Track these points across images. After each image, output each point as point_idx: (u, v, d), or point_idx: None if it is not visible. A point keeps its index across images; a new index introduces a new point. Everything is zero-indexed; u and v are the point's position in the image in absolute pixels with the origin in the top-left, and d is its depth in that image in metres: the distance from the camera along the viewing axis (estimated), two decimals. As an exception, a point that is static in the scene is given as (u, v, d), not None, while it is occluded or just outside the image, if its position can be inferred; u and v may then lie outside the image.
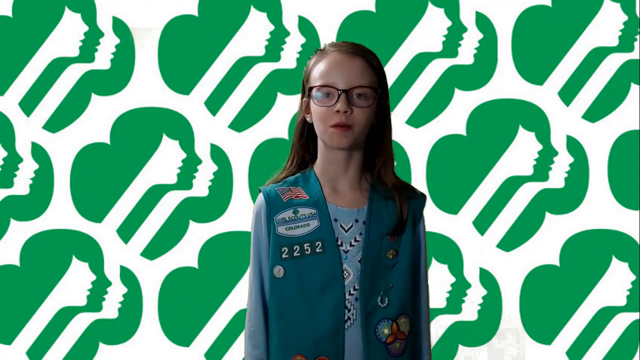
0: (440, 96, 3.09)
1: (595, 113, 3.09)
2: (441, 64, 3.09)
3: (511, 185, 3.10)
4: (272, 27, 3.09)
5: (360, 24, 3.08)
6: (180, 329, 3.11)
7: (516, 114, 3.09)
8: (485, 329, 3.10)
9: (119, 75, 3.10)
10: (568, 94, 3.09)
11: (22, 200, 3.09)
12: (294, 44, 3.08)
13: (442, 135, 3.10)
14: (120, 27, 3.09)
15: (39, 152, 3.09)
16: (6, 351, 3.08)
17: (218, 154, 3.10)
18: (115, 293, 3.10)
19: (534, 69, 3.09)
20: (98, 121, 3.10)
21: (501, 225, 3.10)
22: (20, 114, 3.09)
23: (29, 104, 3.09)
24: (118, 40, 3.09)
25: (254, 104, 3.10)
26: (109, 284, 3.10)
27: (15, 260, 3.09)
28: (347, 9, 3.09)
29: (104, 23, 3.09)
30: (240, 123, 3.11)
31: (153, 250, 3.11)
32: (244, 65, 3.09)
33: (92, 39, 3.09)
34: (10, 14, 3.08)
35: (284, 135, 3.05)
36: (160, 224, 3.10)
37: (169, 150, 3.11)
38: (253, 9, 3.09)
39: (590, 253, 3.09)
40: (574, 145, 3.08)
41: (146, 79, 3.10)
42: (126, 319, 3.11)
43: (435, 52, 3.08)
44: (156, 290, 3.10)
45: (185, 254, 3.11)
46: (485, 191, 3.10)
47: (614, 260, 3.09)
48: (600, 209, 3.09)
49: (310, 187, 1.86)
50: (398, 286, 1.84)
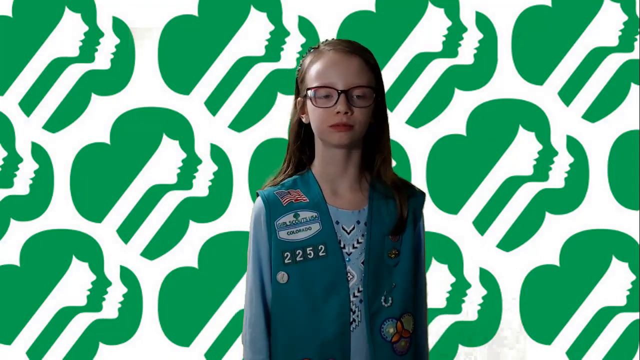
0: (440, 96, 3.09)
1: (595, 113, 3.09)
2: (441, 64, 3.09)
3: (511, 185, 3.10)
4: (272, 27, 3.09)
5: (360, 24, 3.07)
6: (180, 329, 3.11)
7: (516, 114, 3.09)
8: (485, 329, 3.10)
9: (119, 75, 3.10)
10: (568, 94, 3.09)
11: (22, 200, 3.09)
12: (294, 44, 3.08)
13: (442, 135, 3.10)
14: (120, 27, 3.09)
15: (39, 152, 3.09)
16: (6, 351, 3.08)
17: (218, 154, 3.10)
18: (115, 293, 3.10)
19: (534, 69, 3.09)
20: (98, 121, 3.10)
21: (501, 225, 3.10)
22: (20, 114, 3.09)
23: (29, 104, 3.09)
24: (118, 40, 3.09)
25: (254, 104, 3.10)
26: (109, 284, 3.10)
27: (15, 260, 3.09)
28: (347, 9, 3.08)
29: (104, 23, 3.09)
30: (240, 123, 3.11)
31: (153, 250, 3.11)
32: (244, 65, 3.09)
33: (92, 39, 3.09)
34: (10, 14, 3.08)
35: (284, 135, 3.03)
36: (160, 224, 3.10)
37: (169, 150, 3.10)
38: (253, 9, 3.09)
39: (590, 253, 3.09)
40: (574, 145, 3.08)
41: (146, 79, 3.10)
42: (126, 319, 3.10)
43: (435, 52, 3.08)
44: (156, 290, 3.10)
45: (185, 254, 3.10)
46: (485, 191, 3.10)
47: (614, 260, 3.09)
48: (600, 209, 3.09)
49: (310, 190, 1.83)
50: (401, 285, 1.82)
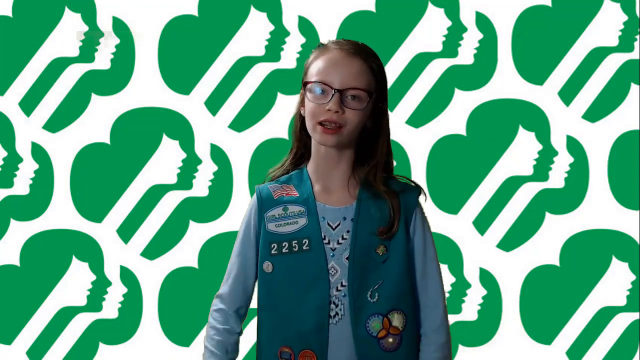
0: (440, 96, 3.09)
1: (595, 113, 3.09)
2: (441, 64, 3.09)
3: (511, 185, 3.10)
4: (272, 27, 3.09)
5: (360, 24, 3.07)
6: (180, 329, 3.11)
7: (516, 114, 3.09)
8: (485, 329, 3.10)
9: (119, 75, 3.10)
10: (568, 94, 3.09)
11: (22, 200, 3.09)
12: (294, 44, 3.08)
13: (442, 135, 3.10)
14: (120, 27, 3.09)
15: (39, 152, 3.09)
16: (6, 351, 3.08)
17: (218, 154, 3.10)
18: (115, 293, 3.10)
19: (534, 69, 3.09)
20: (98, 121, 3.10)
21: (501, 225, 3.10)
22: (20, 114, 3.09)
23: (29, 104, 3.09)
24: (118, 40, 3.09)
25: (254, 104, 3.10)
26: (109, 284, 3.10)
27: (15, 260, 3.09)
28: (347, 9, 3.08)
29: (104, 23, 3.09)
30: (240, 123, 3.11)
31: (153, 250, 3.11)
32: (244, 65, 3.09)
33: (92, 39, 3.09)
34: (10, 14, 3.08)
35: (284, 135, 3.05)
36: (160, 224, 3.10)
37: (169, 150, 3.10)
38: (253, 9, 3.09)
39: (590, 253, 3.09)
40: (574, 145, 3.08)
41: (146, 79, 3.10)
42: (126, 319, 3.10)
43: (435, 52, 3.08)
44: (156, 290, 3.10)
45: (185, 254, 3.10)
46: (485, 191, 3.10)
47: (614, 260, 3.09)
48: (600, 209, 3.09)
49: (302, 186, 1.88)
50: (389, 282, 1.84)
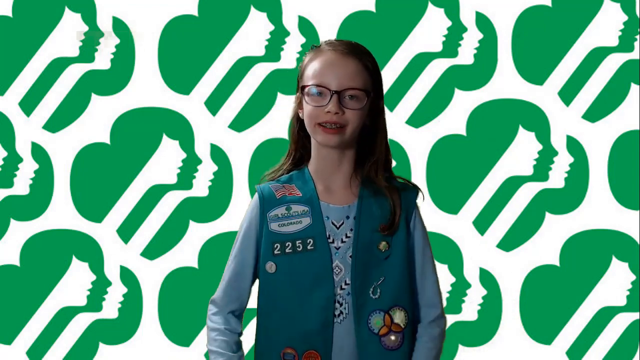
0: (440, 96, 3.09)
1: (595, 113, 3.09)
2: (441, 64, 3.09)
3: (511, 185, 3.10)
4: (272, 27, 3.09)
5: (360, 24, 3.07)
6: (180, 329, 3.11)
7: (516, 114, 3.09)
8: (485, 329, 3.10)
9: (119, 75, 3.10)
10: (568, 94, 3.09)
11: (22, 200, 3.09)
12: (294, 44, 3.08)
13: (442, 135, 3.10)
14: (120, 27, 3.09)
15: (39, 152, 3.09)
16: (6, 351, 3.08)
17: (218, 154, 3.10)
18: (115, 293, 3.10)
19: (534, 69, 3.09)
20: (98, 121, 3.10)
21: (501, 225, 3.10)
22: (20, 114, 3.09)
23: (29, 104, 3.09)
24: (118, 40, 3.09)
25: (254, 104, 3.10)
26: (109, 284, 3.10)
27: (15, 260, 3.09)
28: (347, 9, 3.08)
29: (104, 23, 3.09)
30: (240, 123, 3.11)
31: (153, 250, 3.11)
32: (244, 65, 3.09)
33: (92, 39, 3.09)
34: (10, 14, 3.08)
35: (284, 135, 3.05)
36: (160, 224, 3.10)
37: (169, 150, 3.10)
38: (253, 9, 3.09)
39: (590, 253, 3.09)
40: (574, 145, 3.08)
41: (146, 79, 3.10)
42: (126, 319, 3.10)
43: (435, 52, 3.08)
44: (156, 290, 3.10)
45: (185, 254, 3.10)
46: (485, 191, 3.10)
47: (614, 260, 3.09)
48: (600, 209, 3.09)
49: (304, 185, 1.87)
50: (391, 278, 1.84)
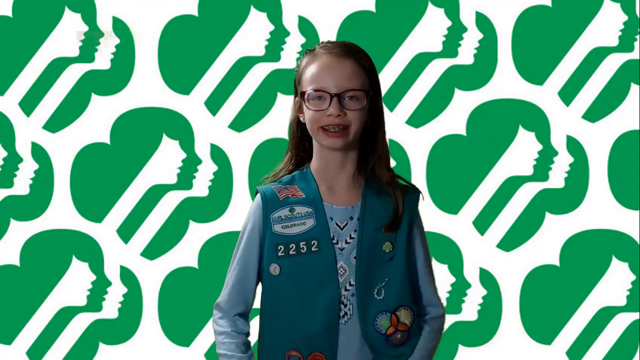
0: (440, 96, 3.09)
1: (595, 113, 3.09)
2: (441, 64, 3.09)
3: (511, 185, 3.10)
4: (272, 27, 3.09)
5: (360, 24, 3.07)
6: (180, 329, 3.11)
7: (516, 114, 3.09)
8: (485, 329, 3.10)
9: (119, 75, 3.10)
10: (568, 94, 3.09)
11: (22, 200, 3.09)
12: (294, 44, 3.08)
13: (442, 135, 3.10)
14: (120, 27, 3.09)
15: (39, 152, 3.09)
16: (6, 351, 3.08)
17: (218, 154, 3.10)
18: (115, 293, 3.10)
19: (534, 69, 3.09)
20: (98, 121, 3.10)
21: (501, 225, 3.10)
22: (20, 114, 3.09)
23: (29, 104, 3.09)
24: (118, 40, 3.09)
25: (254, 104, 3.10)
26: (109, 284, 3.10)
27: (15, 260, 3.09)
28: (347, 9, 3.08)
29: (104, 23, 3.09)
30: (240, 123, 3.11)
31: (153, 250, 3.11)
32: (244, 65, 3.09)
33: (92, 39, 3.09)
34: (10, 14, 3.08)
35: (284, 135, 3.05)
36: (160, 224, 3.10)
37: (169, 150, 3.10)
38: (253, 9, 3.09)
39: (590, 253, 3.09)
40: (574, 145, 3.08)
41: (146, 79, 3.10)
42: (126, 319, 3.10)
43: (435, 52, 3.08)
44: (156, 290, 3.10)
45: (185, 254, 3.10)
46: (485, 191, 3.10)
47: (614, 260, 3.09)
48: (600, 209, 3.09)
49: (307, 186, 1.86)
50: (395, 279, 1.84)
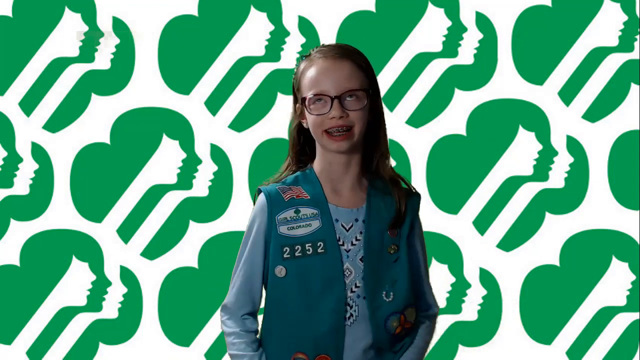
0: (440, 96, 3.09)
1: (595, 113, 3.09)
2: (441, 64, 3.09)
3: (511, 185, 3.10)
4: (272, 27, 3.09)
5: (360, 24, 3.07)
6: (180, 329, 3.11)
7: (516, 114, 3.09)
8: (485, 329, 3.10)
9: (119, 75, 3.10)
10: (568, 94, 3.09)
11: (22, 200, 3.09)
12: (294, 44, 3.08)
13: (442, 135, 3.10)
14: (120, 27, 3.09)
15: (39, 152, 3.09)
16: (6, 351, 3.08)
17: (218, 154, 3.10)
18: (115, 293, 3.10)
19: (534, 69, 3.09)
20: (98, 121, 3.10)
21: (501, 225, 3.10)
22: (20, 114, 3.09)
23: (29, 104, 3.09)
24: (118, 40, 3.09)
25: (254, 104, 3.10)
26: (109, 284, 3.10)
27: (15, 260, 3.09)
28: (347, 9, 3.08)
29: (104, 23, 3.09)
30: (240, 123, 3.11)
31: (153, 250, 3.11)
32: (244, 65, 3.09)
33: (92, 39, 3.09)
34: (10, 14, 3.08)
35: (284, 135, 3.05)
36: (160, 224, 3.10)
37: (169, 150, 3.10)
38: (253, 9, 3.09)
39: (590, 253, 3.09)
40: (574, 145, 3.08)
41: (146, 79, 3.10)
42: (126, 319, 3.10)
43: (435, 52, 3.08)
44: (156, 290, 3.10)
45: (185, 254, 3.10)
46: (485, 191, 3.10)
47: (614, 260, 3.09)
48: (600, 209, 3.09)
49: (311, 187, 1.86)
50: (402, 280, 1.85)
